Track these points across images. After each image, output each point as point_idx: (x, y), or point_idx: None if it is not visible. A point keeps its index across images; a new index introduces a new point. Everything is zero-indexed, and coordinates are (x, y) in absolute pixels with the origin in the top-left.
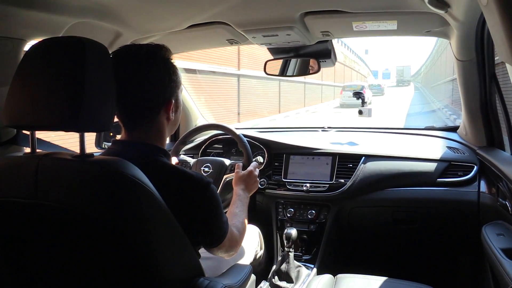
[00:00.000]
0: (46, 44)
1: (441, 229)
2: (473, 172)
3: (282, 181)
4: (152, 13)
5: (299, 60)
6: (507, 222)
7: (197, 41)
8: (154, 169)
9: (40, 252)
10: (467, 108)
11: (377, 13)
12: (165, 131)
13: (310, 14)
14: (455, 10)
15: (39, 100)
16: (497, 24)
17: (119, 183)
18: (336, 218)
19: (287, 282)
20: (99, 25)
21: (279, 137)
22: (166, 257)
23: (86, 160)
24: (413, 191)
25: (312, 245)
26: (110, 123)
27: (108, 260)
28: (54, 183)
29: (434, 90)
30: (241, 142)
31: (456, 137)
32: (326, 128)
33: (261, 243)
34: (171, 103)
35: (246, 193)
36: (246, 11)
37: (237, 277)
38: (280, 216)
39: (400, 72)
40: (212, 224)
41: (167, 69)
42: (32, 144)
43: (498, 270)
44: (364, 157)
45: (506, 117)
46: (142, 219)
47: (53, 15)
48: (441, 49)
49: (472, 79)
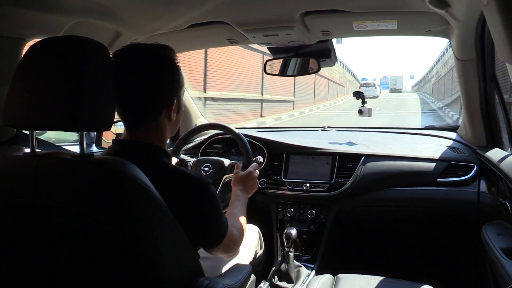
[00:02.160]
0: (46, 44)
1: (441, 228)
2: (473, 172)
3: (282, 181)
4: (152, 13)
5: (299, 60)
6: (507, 222)
7: (197, 41)
8: (154, 169)
9: (40, 252)
10: (467, 108)
11: (377, 12)
12: (166, 131)
13: (310, 13)
14: (455, 10)
15: (39, 99)
16: (497, 24)
17: (119, 183)
18: (336, 218)
19: (287, 282)
20: (99, 24)
21: (279, 137)
22: (166, 257)
23: (86, 160)
24: (413, 191)
25: (312, 245)
26: (110, 123)
27: (108, 259)
28: (54, 183)
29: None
30: (241, 142)
31: (456, 136)
32: (326, 128)
33: (261, 243)
34: (173, 104)
35: (245, 194)
36: (246, 11)
37: (237, 277)
38: (280, 216)
39: (393, 81)
40: (211, 224)
41: (170, 69)
42: (32, 144)
43: (498, 269)
44: (364, 156)
45: (506, 117)
46: (142, 219)
47: (53, 14)
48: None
49: (472, 79)
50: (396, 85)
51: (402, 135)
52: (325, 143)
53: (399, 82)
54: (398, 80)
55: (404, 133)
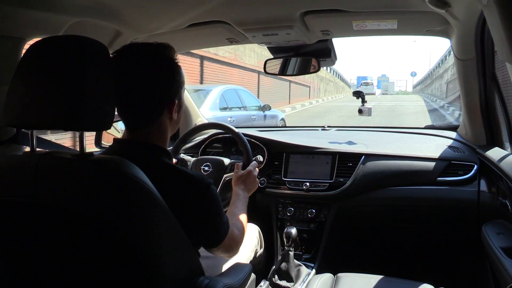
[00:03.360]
0: (46, 43)
1: (441, 228)
2: (473, 171)
3: (282, 180)
4: (152, 12)
5: (299, 59)
6: (507, 221)
7: (197, 40)
8: (155, 169)
9: (40, 251)
10: (467, 107)
11: (377, 12)
12: (167, 131)
13: (310, 13)
14: (455, 9)
15: (38, 99)
16: (497, 23)
17: (118, 182)
18: (336, 217)
19: (287, 281)
20: (99, 24)
21: (279, 136)
22: (166, 257)
23: (86, 159)
24: (413, 190)
25: (312, 244)
26: (110, 122)
27: (108, 259)
28: (54, 182)
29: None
30: (241, 141)
31: (456, 136)
32: (326, 127)
33: (261, 242)
34: (174, 104)
35: (245, 193)
36: (246, 10)
37: (238, 276)
38: (280, 215)
39: (385, 87)
40: (212, 224)
41: (171, 70)
42: (32, 143)
43: (498, 268)
44: (364, 156)
45: (506, 116)
46: (142, 218)
47: (52, 14)
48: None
49: (472, 78)
50: (387, 91)
51: (402, 135)
52: (325, 142)
53: (390, 88)
54: (389, 86)
55: (404, 133)
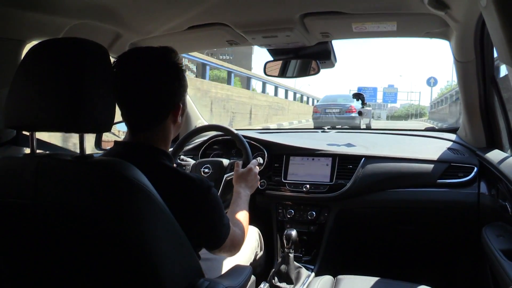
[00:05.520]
0: (46, 45)
1: (441, 230)
2: (473, 173)
3: (282, 182)
4: (152, 14)
5: (299, 61)
6: (507, 223)
7: (197, 42)
8: (155, 172)
9: (39, 253)
10: (467, 109)
11: (376, 14)
12: (171, 134)
13: (309, 15)
14: (455, 11)
15: (39, 101)
16: (496, 26)
17: (118, 185)
18: (336, 219)
19: (287, 283)
20: (99, 26)
21: (279, 138)
22: (166, 259)
23: (86, 161)
24: (413, 192)
25: (312, 246)
26: (110, 124)
27: (107, 261)
28: (54, 184)
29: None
30: (239, 141)
31: (456, 138)
32: (326, 129)
33: (261, 244)
34: (179, 108)
35: (246, 191)
36: (246, 13)
37: (238, 278)
38: (280, 217)
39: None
40: (213, 227)
41: (176, 74)
42: (32, 145)
43: (498, 271)
44: (364, 158)
45: (506, 118)
46: (141, 220)
47: (53, 16)
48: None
49: (471, 80)
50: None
51: (402, 137)
52: (325, 144)
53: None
54: (382, 114)
55: (403, 135)
